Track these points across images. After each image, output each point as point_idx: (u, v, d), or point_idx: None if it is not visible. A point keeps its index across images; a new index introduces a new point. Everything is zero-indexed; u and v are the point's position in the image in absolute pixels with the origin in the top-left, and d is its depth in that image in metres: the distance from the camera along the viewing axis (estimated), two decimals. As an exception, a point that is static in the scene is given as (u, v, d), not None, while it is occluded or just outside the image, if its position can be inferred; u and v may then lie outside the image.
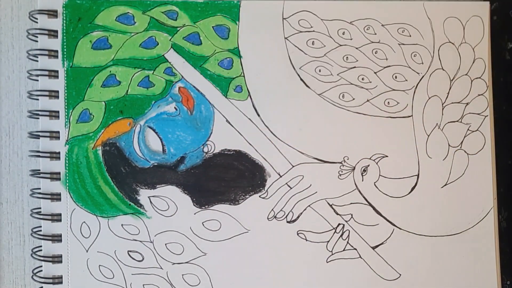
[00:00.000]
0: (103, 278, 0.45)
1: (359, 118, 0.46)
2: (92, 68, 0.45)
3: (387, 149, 0.46)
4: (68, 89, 0.45)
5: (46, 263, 0.45)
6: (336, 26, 0.47)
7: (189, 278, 0.45)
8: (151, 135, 0.46)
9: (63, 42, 0.45)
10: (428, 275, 0.46)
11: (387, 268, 0.46)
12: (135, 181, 0.45)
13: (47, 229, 0.45)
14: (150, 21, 0.46)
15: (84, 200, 0.45)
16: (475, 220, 0.46)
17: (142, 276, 0.45)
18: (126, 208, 0.45)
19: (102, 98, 0.45)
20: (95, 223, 0.45)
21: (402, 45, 0.47)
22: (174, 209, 0.45)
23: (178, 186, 0.46)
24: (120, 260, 0.45)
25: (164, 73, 0.46)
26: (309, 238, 0.46)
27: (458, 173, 0.46)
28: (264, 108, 0.46)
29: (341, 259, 0.46)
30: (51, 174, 0.45)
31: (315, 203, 0.46)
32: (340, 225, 0.46)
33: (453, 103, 0.46)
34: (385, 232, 0.46)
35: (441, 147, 0.46)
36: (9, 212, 0.47)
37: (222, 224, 0.46)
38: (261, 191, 0.46)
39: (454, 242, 0.46)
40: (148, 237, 0.45)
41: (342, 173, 0.46)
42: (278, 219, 0.46)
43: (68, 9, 0.46)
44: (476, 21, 0.47)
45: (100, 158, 0.45)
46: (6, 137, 0.47)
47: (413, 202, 0.46)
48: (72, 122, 0.45)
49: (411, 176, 0.46)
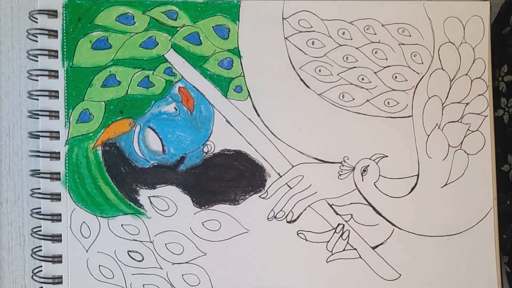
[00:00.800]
0: (103, 278, 0.45)
1: (359, 118, 0.46)
2: (92, 68, 0.45)
3: (387, 149, 0.46)
4: (68, 89, 0.45)
5: (46, 263, 0.45)
6: (336, 26, 0.47)
7: (189, 278, 0.45)
8: (151, 135, 0.46)
9: (63, 42, 0.45)
10: (428, 275, 0.46)
11: (387, 268, 0.46)
12: (135, 181, 0.45)
13: (47, 229, 0.45)
14: (150, 21, 0.46)
15: (84, 200, 0.45)
16: (475, 220, 0.46)
17: (142, 276, 0.45)
18: (126, 208, 0.45)
19: (102, 98, 0.46)
20: (95, 223, 0.45)
21: (402, 45, 0.47)
22: (174, 209, 0.45)
23: (178, 186, 0.46)
24: (120, 260, 0.45)
25: (164, 73, 0.46)
26: (309, 238, 0.46)
27: (458, 173, 0.46)
28: (264, 108, 0.46)
29: (341, 259, 0.46)
30: (51, 174, 0.45)
31: (315, 203, 0.46)
32: (340, 225, 0.46)
33: (453, 103, 0.46)
34: (385, 232, 0.46)
35: (441, 147, 0.46)
36: (9, 212, 0.47)
37: (222, 224, 0.46)
38: (261, 191, 0.46)
39: (454, 242, 0.46)
40: (148, 237, 0.45)
41: (342, 173, 0.46)
42: (278, 219, 0.46)
43: (68, 9, 0.46)
44: (476, 21, 0.47)
45: (100, 158, 0.45)
46: (6, 137, 0.47)
47: (413, 202, 0.46)
48: (72, 122, 0.45)
49: (411, 176, 0.46)
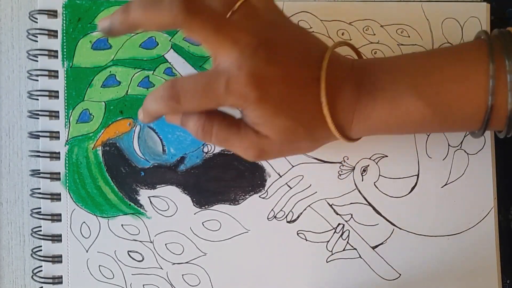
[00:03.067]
0: (103, 278, 0.45)
1: (359, 118, 0.46)
2: (92, 69, 0.46)
3: (387, 149, 0.46)
4: (68, 89, 0.45)
5: (46, 263, 0.45)
6: (336, 26, 0.47)
7: (189, 278, 0.45)
8: (151, 135, 0.46)
9: (63, 42, 0.46)
10: (428, 275, 0.46)
11: (387, 268, 0.46)
12: (135, 181, 0.45)
13: (47, 229, 0.45)
14: (150, 22, 0.46)
15: (84, 200, 0.45)
16: (475, 220, 0.46)
17: (142, 276, 0.45)
18: (126, 208, 0.45)
19: (102, 98, 0.46)
20: (95, 223, 0.45)
21: (401, 46, 0.47)
22: (174, 209, 0.45)
23: (178, 186, 0.46)
24: (120, 260, 0.45)
25: (164, 74, 0.46)
26: (309, 238, 0.46)
27: (458, 173, 0.46)
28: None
29: (341, 259, 0.46)
30: (51, 174, 0.45)
31: (315, 203, 0.46)
32: (340, 225, 0.46)
33: (453, 103, 0.46)
34: (385, 232, 0.46)
35: (441, 147, 0.46)
36: (9, 212, 0.47)
37: (222, 224, 0.46)
38: (261, 191, 0.46)
39: (454, 242, 0.46)
40: (148, 237, 0.45)
41: (342, 173, 0.46)
42: (278, 219, 0.46)
43: (68, 9, 0.46)
44: (474, 22, 0.47)
45: (100, 158, 0.45)
46: (6, 137, 0.47)
47: (413, 202, 0.46)
48: (72, 122, 0.45)
49: (411, 176, 0.46)
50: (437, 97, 0.37)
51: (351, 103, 0.38)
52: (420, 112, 0.37)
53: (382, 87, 0.38)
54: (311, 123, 0.37)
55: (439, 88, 0.37)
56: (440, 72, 0.37)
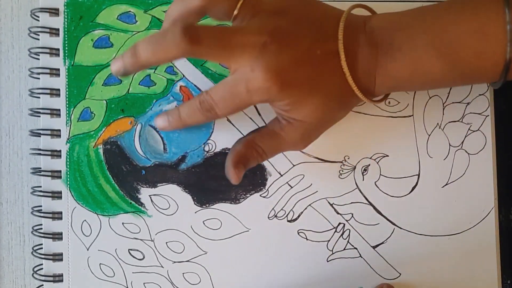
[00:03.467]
0: (104, 277, 0.45)
1: (360, 118, 0.46)
2: (94, 67, 0.46)
3: (387, 148, 0.46)
4: (69, 87, 0.45)
5: (46, 261, 0.45)
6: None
7: (189, 277, 0.45)
8: (152, 134, 0.46)
9: (64, 41, 0.46)
10: (428, 274, 0.46)
11: (387, 267, 0.46)
12: (136, 180, 0.45)
13: (47, 227, 0.45)
14: (151, 20, 0.46)
15: (85, 199, 0.45)
16: (475, 220, 0.46)
17: (142, 274, 0.45)
18: (127, 206, 0.45)
19: (103, 97, 0.46)
20: (96, 221, 0.45)
21: None
22: (175, 207, 0.45)
23: (179, 185, 0.46)
24: (121, 258, 0.45)
25: (165, 72, 0.46)
26: (310, 237, 0.46)
27: (458, 173, 0.46)
28: (264, 107, 0.46)
29: (342, 258, 0.46)
30: (52, 172, 0.45)
31: (315, 202, 0.46)
32: (341, 224, 0.46)
33: (454, 103, 0.47)
34: (386, 231, 0.46)
35: (442, 147, 0.46)
36: (9, 212, 0.47)
37: (222, 223, 0.45)
38: (261, 190, 0.46)
39: (455, 242, 0.46)
40: (149, 236, 0.45)
41: (343, 172, 0.46)
42: (279, 218, 0.46)
43: (70, 8, 0.46)
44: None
45: (101, 156, 0.45)
46: (6, 137, 0.47)
47: (414, 202, 0.46)
48: (73, 120, 0.45)
49: (412, 176, 0.46)
50: (456, 55, 0.37)
51: (371, 66, 0.38)
52: (439, 69, 0.38)
53: (399, 47, 0.38)
54: (337, 93, 0.38)
55: (457, 46, 0.37)
56: (456, 27, 0.37)
